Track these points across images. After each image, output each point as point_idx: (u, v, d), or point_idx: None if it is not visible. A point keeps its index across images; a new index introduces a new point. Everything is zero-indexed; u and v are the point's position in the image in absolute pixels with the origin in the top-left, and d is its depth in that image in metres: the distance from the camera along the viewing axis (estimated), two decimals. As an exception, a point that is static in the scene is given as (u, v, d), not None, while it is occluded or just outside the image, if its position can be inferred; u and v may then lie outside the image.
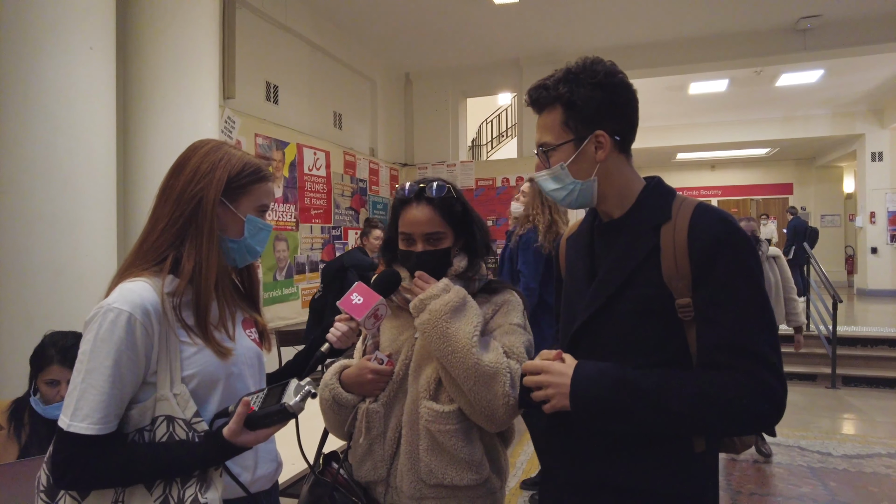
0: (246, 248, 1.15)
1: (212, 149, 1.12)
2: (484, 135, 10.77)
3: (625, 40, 6.48)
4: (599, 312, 1.08)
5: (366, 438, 1.30)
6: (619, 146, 1.11)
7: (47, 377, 1.79)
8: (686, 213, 1.05)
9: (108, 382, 0.97)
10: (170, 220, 1.08)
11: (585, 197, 1.13)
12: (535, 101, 1.13)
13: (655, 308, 1.03)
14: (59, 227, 2.49)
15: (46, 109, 2.47)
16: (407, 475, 1.27)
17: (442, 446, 1.25)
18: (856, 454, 4.05)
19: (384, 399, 1.32)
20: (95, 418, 0.96)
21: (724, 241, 1.00)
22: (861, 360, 6.27)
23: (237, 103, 4.48)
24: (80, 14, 2.57)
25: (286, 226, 5.04)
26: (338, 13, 5.67)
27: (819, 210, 13.81)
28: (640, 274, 1.05)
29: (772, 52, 6.49)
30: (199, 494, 0.99)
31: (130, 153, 3.26)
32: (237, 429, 1.00)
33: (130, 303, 0.99)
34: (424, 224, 1.30)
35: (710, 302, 0.99)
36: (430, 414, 1.25)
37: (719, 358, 0.98)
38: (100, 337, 0.98)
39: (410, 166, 7.55)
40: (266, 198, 1.17)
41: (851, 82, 8.89)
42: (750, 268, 1.00)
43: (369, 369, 1.30)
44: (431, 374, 1.28)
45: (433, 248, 1.31)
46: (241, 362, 1.12)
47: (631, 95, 1.10)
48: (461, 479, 1.25)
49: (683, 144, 11.89)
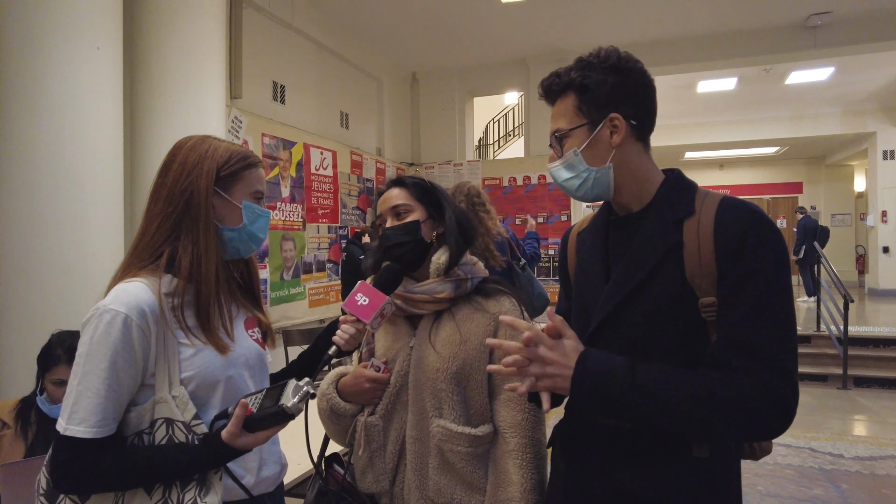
0: (248, 235, 1.13)
1: (196, 143, 1.12)
2: (491, 134, 10.75)
3: (632, 38, 6.44)
4: (616, 313, 1.03)
5: (365, 451, 1.28)
6: (636, 133, 1.06)
7: (55, 377, 1.80)
8: (711, 206, 0.99)
9: (105, 385, 0.96)
10: (163, 217, 1.06)
11: (601, 186, 1.07)
12: (547, 89, 1.10)
13: (677, 308, 0.98)
14: (66, 226, 2.50)
15: (53, 109, 2.48)
16: (414, 491, 1.24)
17: (452, 466, 1.22)
18: (868, 456, 4.00)
19: (382, 412, 1.28)
20: (92, 422, 0.95)
21: (752, 234, 0.94)
22: (873, 360, 6.20)
23: (244, 103, 4.48)
24: (87, 14, 2.58)
25: (293, 225, 5.04)
26: (345, 13, 5.67)
27: (829, 209, 13.68)
28: (660, 271, 0.99)
29: (781, 50, 6.42)
30: (199, 499, 0.98)
31: (137, 153, 3.27)
32: (236, 431, 0.98)
33: (126, 304, 0.98)
34: (391, 199, 1.30)
35: (728, 297, 0.94)
36: (444, 433, 1.22)
37: (728, 358, 0.92)
38: (95, 339, 0.97)
39: (417, 166, 7.54)
40: (258, 184, 1.15)
41: (862, 80, 8.79)
42: (775, 265, 0.93)
43: (366, 377, 1.27)
44: (435, 389, 1.24)
45: (400, 221, 1.29)
46: (242, 363, 1.10)
47: (647, 81, 1.06)
48: (469, 501, 1.22)
49: (692, 143, 11.80)
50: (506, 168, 7.36)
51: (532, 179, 7.06)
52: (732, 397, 0.89)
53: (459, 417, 1.22)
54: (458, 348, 1.23)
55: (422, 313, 1.28)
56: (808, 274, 9.20)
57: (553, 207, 6.96)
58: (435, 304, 1.26)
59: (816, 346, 6.53)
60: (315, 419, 1.23)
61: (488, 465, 1.24)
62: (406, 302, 1.27)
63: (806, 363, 6.32)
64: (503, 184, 7.19)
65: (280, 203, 4.84)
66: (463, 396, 1.24)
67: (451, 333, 1.25)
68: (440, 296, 1.25)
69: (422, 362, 1.25)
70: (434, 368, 1.23)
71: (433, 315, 1.28)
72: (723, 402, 0.90)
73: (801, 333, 6.74)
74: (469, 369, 1.24)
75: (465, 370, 1.24)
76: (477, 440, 1.22)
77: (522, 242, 3.40)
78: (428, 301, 1.26)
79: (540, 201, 7.02)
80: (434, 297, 1.25)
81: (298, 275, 5.13)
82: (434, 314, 1.28)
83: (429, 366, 1.24)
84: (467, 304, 1.28)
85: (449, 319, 1.27)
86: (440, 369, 1.23)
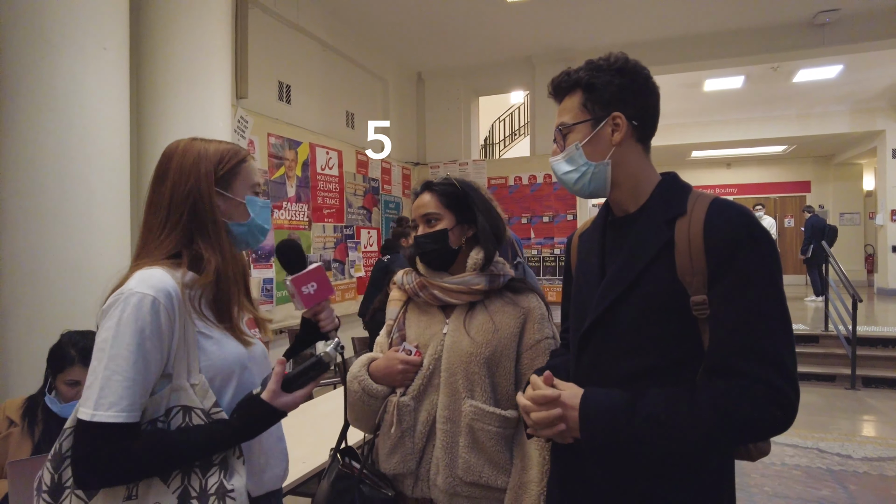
0: (256, 228, 1.16)
1: (185, 147, 1.12)
2: (496, 133, 10.73)
3: (638, 37, 6.42)
4: (609, 310, 1.05)
5: (397, 430, 1.35)
6: (637, 134, 1.10)
7: (68, 377, 1.80)
8: (702, 207, 1.01)
9: (133, 368, 0.93)
10: (169, 226, 1.06)
11: (598, 182, 1.10)
12: (557, 86, 1.14)
13: (668, 305, 1.00)
14: (72, 226, 2.51)
15: (60, 109, 2.49)
16: (443, 470, 1.32)
17: (482, 445, 1.30)
18: (877, 457, 3.97)
19: (414, 393, 1.36)
20: (123, 405, 0.92)
21: (743, 236, 0.96)
22: (882, 360, 6.15)
23: (250, 103, 4.50)
24: (93, 15, 2.59)
25: (299, 225, 5.05)
26: (350, 13, 5.68)
27: (838, 208, 13.57)
28: (652, 270, 1.01)
29: (789, 48, 6.37)
30: (225, 482, 0.97)
31: (143, 153, 3.28)
32: (276, 388, 1.00)
33: (154, 287, 0.97)
34: (422, 207, 1.41)
35: (724, 299, 0.96)
36: (476, 412, 1.30)
37: (729, 361, 0.93)
38: (123, 321, 0.95)
39: (423, 165, 7.54)
40: (254, 176, 1.18)
41: (871, 77, 8.72)
42: (768, 265, 0.96)
43: (399, 360, 1.36)
44: (468, 372, 1.33)
45: (430, 229, 1.39)
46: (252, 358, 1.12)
47: (652, 87, 1.11)
48: (495, 481, 1.30)
49: (699, 142, 11.74)
50: (511, 167, 7.34)
51: (538, 179, 7.05)
52: (743, 410, 0.91)
53: (489, 399, 1.33)
54: (492, 336, 1.35)
55: (455, 303, 1.39)
56: (816, 273, 9.15)
57: (559, 206, 6.94)
58: (470, 294, 1.38)
59: (824, 346, 6.48)
60: (324, 414, 1.23)
61: (514, 449, 1.33)
62: (442, 291, 1.38)
63: (814, 363, 6.28)
64: (509, 183, 7.18)
65: (286, 203, 4.85)
66: (493, 381, 1.35)
67: (485, 322, 1.37)
68: (476, 287, 1.37)
69: (456, 347, 1.35)
70: (468, 353, 1.33)
71: (466, 306, 1.39)
72: (734, 418, 0.91)
73: (809, 333, 6.69)
74: (499, 356, 1.35)
75: (496, 356, 1.35)
76: (506, 421, 1.31)
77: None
78: (463, 292, 1.37)
79: (545, 200, 7.00)
80: (470, 287, 1.37)
81: (304, 274, 5.13)
82: (467, 305, 1.39)
83: (463, 350, 1.34)
84: (499, 297, 1.40)
85: (482, 310, 1.39)
86: (474, 353, 1.33)
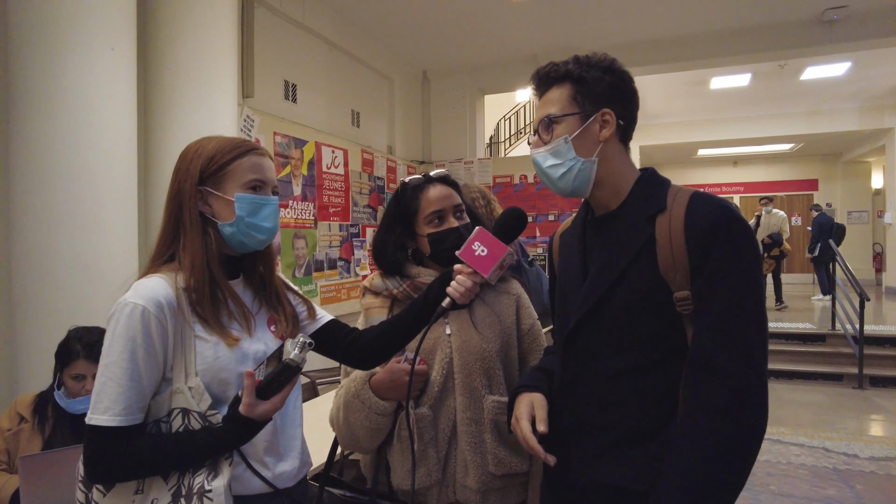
0: (246, 226, 1.09)
1: (189, 146, 1.14)
2: (502, 132, 10.71)
3: (644, 35, 6.39)
4: (594, 310, 1.05)
5: (420, 444, 1.28)
6: (620, 133, 1.10)
7: (73, 372, 1.83)
8: (682, 201, 1.01)
9: (126, 375, 0.99)
10: (167, 223, 1.12)
11: (583, 178, 1.08)
12: (544, 76, 1.11)
13: (652, 302, 1.00)
14: (81, 224, 2.53)
15: (68, 110, 2.51)
16: (474, 470, 1.29)
17: (508, 437, 1.30)
18: (883, 456, 3.95)
19: (430, 402, 1.30)
20: (116, 410, 0.98)
21: (722, 229, 0.96)
22: (889, 359, 6.12)
23: (256, 102, 4.51)
24: (101, 15, 2.60)
25: (305, 223, 5.07)
26: (356, 12, 5.69)
27: (846, 206, 13.48)
28: (634, 267, 1.01)
29: (796, 45, 6.33)
30: (206, 482, 1.01)
31: (151, 152, 3.30)
32: (250, 401, 1.00)
33: (144, 297, 1.02)
34: (451, 198, 1.36)
35: (704, 291, 0.96)
36: (499, 406, 1.30)
37: (706, 357, 0.95)
38: (117, 332, 1.01)
39: (428, 164, 7.54)
40: (253, 172, 1.11)
41: (880, 75, 8.64)
42: (745, 257, 0.96)
43: (405, 371, 1.26)
44: (485, 368, 1.32)
45: (461, 222, 1.36)
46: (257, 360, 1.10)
47: (635, 90, 1.11)
48: (521, 466, 1.31)
49: (705, 140, 11.68)
50: (517, 166, 7.34)
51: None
52: (742, 433, 0.93)
53: (505, 391, 1.33)
54: (498, 327, 1.35)
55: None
56: (824, 272, 9.10)
57: (564, 205, 6.93)
58: None
59: (831, 345, 6.45)
60: (314, 424, 1.22)
61: None
62: None
63: (821, 362, 6.25)
64: (514, 181, 7.17)
65: (292, 201, 4.87)
66: (505, 371, 1.35)
67: (488, 315, 1.36)
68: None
69: (467, 346, 1.32)
70: (480, 349, 1.31)
71: None
72: (736, 445, 0.93)
73: (816, 332, 6.66)
74: (507, 346, 1.36)
75: (505, 347, 1.35)
76: None
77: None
78: None
79: (551, 199, 6.99)
80: None
81: (310, 272, 5.15)
82: None
83: (474, 347, 1.31)
84: (490, 288, 1.39)
85: (480, 303, 1.37)
86: (486, 349, 1.32)
